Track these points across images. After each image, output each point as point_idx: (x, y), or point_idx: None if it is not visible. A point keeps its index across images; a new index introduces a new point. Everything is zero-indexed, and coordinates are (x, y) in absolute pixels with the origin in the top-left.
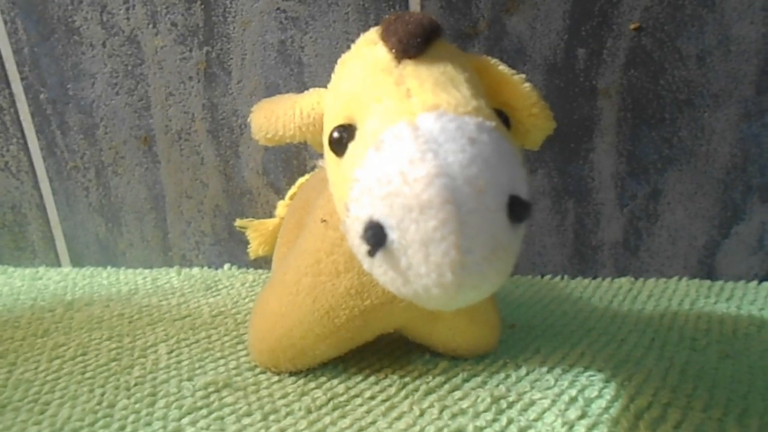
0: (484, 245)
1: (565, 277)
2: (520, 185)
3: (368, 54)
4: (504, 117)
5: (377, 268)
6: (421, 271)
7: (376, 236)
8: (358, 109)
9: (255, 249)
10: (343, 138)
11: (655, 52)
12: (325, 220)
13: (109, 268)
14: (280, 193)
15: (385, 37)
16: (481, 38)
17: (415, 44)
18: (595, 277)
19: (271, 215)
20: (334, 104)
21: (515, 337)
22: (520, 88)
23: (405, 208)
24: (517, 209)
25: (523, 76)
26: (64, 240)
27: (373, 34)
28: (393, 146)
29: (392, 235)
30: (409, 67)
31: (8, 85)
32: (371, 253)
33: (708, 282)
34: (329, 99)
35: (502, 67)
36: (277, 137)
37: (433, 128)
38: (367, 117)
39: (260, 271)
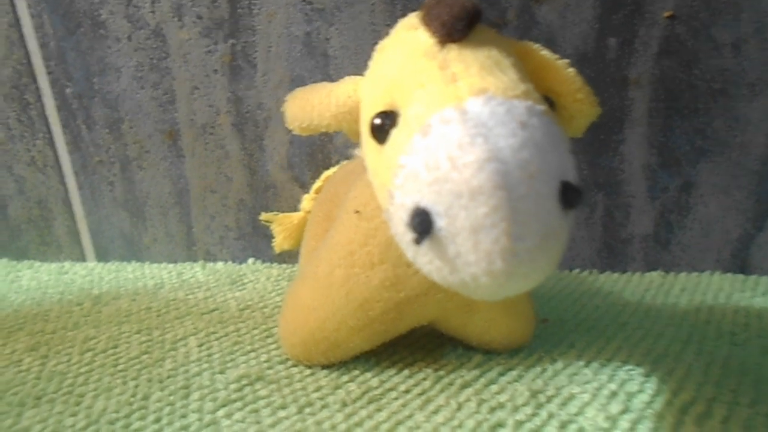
0: (535, 232)
1: (594, 271)
2: (571, 171)
3: (409, 39)
4: (550, 102)
5: (422, 257)
6: (470, 259)
7: (423, 224)
8: (401, 95)
9: (280, 243)
10: (385, 125)
11: (689, 41)
12: (358, 211)
13: (133, 262)
14: (305, 187)
15: (428, 21)
16: (510, 28)
17: (459, 27)
18: (624, 271)
19: (295, 209)
20: (374, 91)
21: (548, 332)
22: (564, 73)
23: (454, 194)
24: (569, 195)
25: (567, 61)
26: (89, 235)
27: (413, 19)
28: (441, 131)
29: (440, 223)
30: (454, 51)
31: (34, 79)
32: (418, 241)
33: (742, 276)
34: (367, 86)
35: (545, 52)
36: (312, 126)
37: (482, 112)
38: (410, 103)
39: (284, 265)
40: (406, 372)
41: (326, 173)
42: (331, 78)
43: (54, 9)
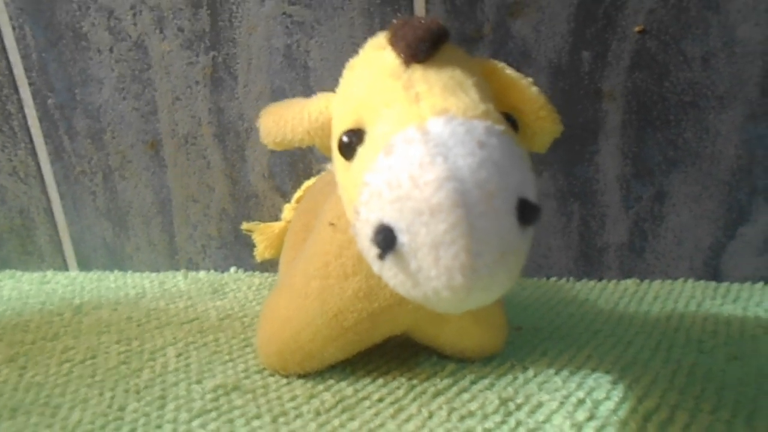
0: (493, 248)
1: (571, 279)
2: (529, 188)
3: (376, 59)
4: (512, 120)
5: (387, 271)
6: (431, 274)
7: (386, 240)
8: (367, 114)
9: (261, 252)
10: (352, 142)
11: (659, 55)
12: (333, 224)
13: (116, 271)
14: (286, 197)
15: (394, 42)
16: (486, 42)
17: (423, 49)
18: (600, 279)
19: (277, 219)
20: (343, 109)
21: (522, 339)
22: (528, 91)
23: (415, 212)
24: (527, 212)
25: (531, 80)
26: (71, 244)
27: (381, 38)
28: (403, 150)
29: (402, 239)
30: (418, 72)
31: (16, 90)
32: (381, 256)
33: (714, 284)
34: (337, 104)
35: (510, 71)
36: (286, 141)
37: (442, 132)
38: (376, 121)
39: (266, 274)
40: (380, 381)
41: (307, 183)
42: (311, 90)
43: (36, 20)
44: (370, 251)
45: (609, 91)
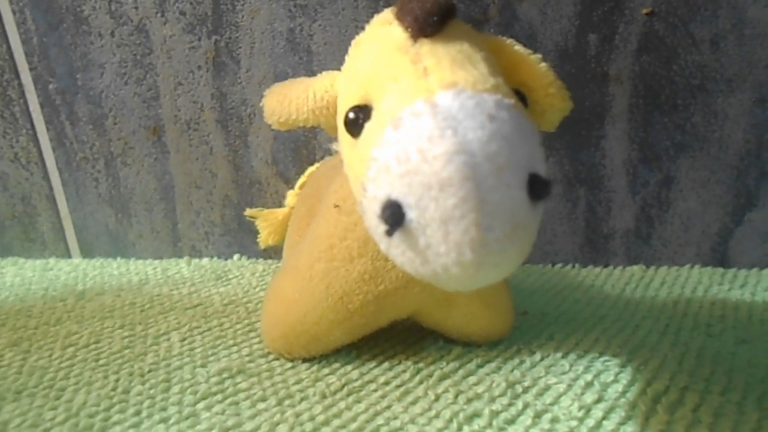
0: (504, 223)
1: (576, 265)
2: (540, 163)
3: (383, 34)
4: (521, 96)
5: (395, 249)
6: (441, 250)
7: (394, 215)
8: (374, 89)
9: (265, 239)
10: (359, 118)
11: (667, 37)
12: (337, 206)
13: (119, 258)
14: (290, 183)
15: (401, 16)
16: (492, 24)
17: (431, 23)
18: (606, 266)
19: (280, 205)
20: (349, 85)
21: (528, 324)
22: (537, 67)
23: (424, 186)
24: (537, 187)
25: (539, 56)
26: (74, 231)
27: (387, 14)
28: (411, 124)
29: (411, 214)
30: (426, 46)
31: (17, 75)
32: (389, 232)
33: (721, 269)
34: (343, 81)
35: (518, 47)
36: (290, 121)
37: (451, 105)
38: (383, 97)
39: (270, 261)
40: (386, 365)
41: (310, 169)
42: (314, 73)
43: (36, 5)
44: (378, 228)
45: (616, 74)
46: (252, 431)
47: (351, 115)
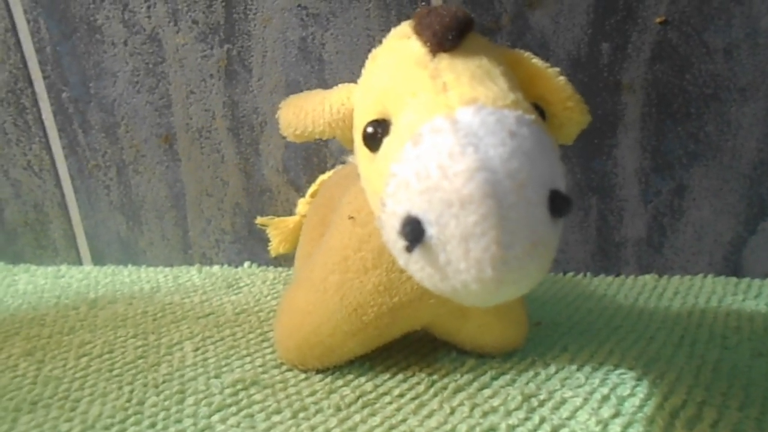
0: (524, 240)
1: (588, 274)
2: (560, 180)
3: (401, 48)
4: (540, 111)
5: (414, 264)
6: (461, 266)
7: (414, 232)
8: (393, 104)
9: (276, 247)
10: (377, 133)
11: (681, 46)
12: (352, 217)
13: (129, 266)
14: (301, 191)
15: (420, 31)
16: (504, 33)
17: (450, 37)
18: (618, 275)
19: (291, 213)
20: (366, 99)
21: (541, 335)
22: (555, 81)
23: (444, 203)
24: (558, 203)
25: (557, 69)
26: (85, 238)
27: (405, 27)
28: (432, 140)
29: (431, 231)
30: (445, 61)
31: (31, 84)
32: (409, 249)
33: (734, 279)
34: (360, 94)
35: (536, 60)
36: (306, 133)
37: (472, 122)
38: (402, 111)
39: (280, 269)
40: (400, 376)
41: (322, 177)
42: (326, 83)
43: (50, 14)
44: (397, 244)
45: (629, 83)
46: None
47: (369, 129)
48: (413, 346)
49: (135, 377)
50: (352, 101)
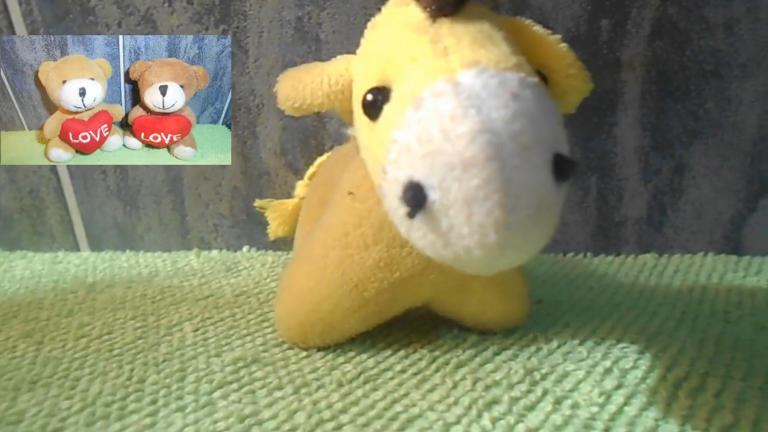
0: (528, 204)
1: (588, 254)
2: (563, 143)
3: (400, 15)
4: (542, 77)
5: (416, 231)
6: (464, 231)
7: (416, 197)
8: (393, 71)
9: (274, 230)
10: (377, 100)
11: (681, 22)
12: (352, 193)
13: (127, 251)
14: (299, 174)
15: None
16: (502, 10)
17: (450, 2)
18: (618, 254)
19: (289, 196)
20: (366, 68)
21: (543, 312)
22: (557, 48)
23: (447, 167)
24: (562, 167)
25: (559, 36)
26: (82, 224)
27: None
28: (433, 104)
29: (433, 195)
30: (445, 26)
31: None
32: (411, 214)
33: (735, 257)
34: (359, 64)
35: (537, 28)
36: (305, 106)
37: (474, 84)
38: (402, 77)
39: (279, 252)
40: (401, 353)
41: (320, 159)
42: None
43: None
44: (398, 210)
45: (628, 60)
46: (270, 419)
47: (369, 97)
48: (415, 324)
49: (135, 357)
50: (351, 72)
